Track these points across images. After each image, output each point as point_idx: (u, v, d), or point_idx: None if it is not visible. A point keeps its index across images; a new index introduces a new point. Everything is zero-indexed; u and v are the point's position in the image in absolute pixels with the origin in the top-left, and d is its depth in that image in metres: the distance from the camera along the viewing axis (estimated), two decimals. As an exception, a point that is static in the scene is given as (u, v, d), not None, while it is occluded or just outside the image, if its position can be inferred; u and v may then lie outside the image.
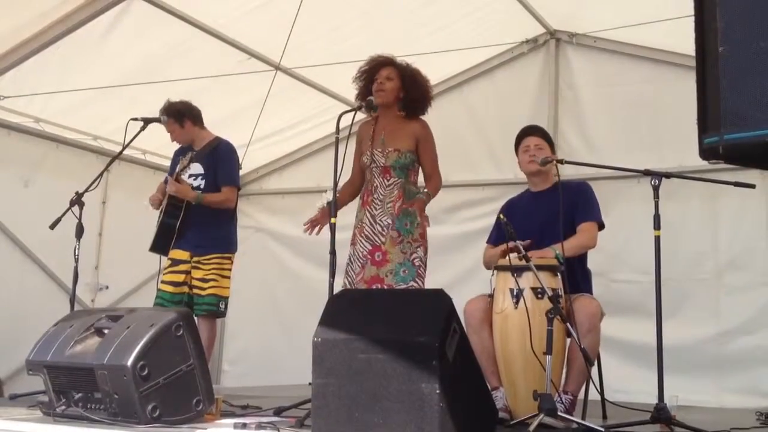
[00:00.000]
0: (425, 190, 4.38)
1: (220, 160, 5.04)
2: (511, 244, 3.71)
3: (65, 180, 5.78)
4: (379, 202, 4.37)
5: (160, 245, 5.00)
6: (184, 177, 5.00)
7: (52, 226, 4.70)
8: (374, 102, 4.33)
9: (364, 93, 4.43)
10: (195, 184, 4.99)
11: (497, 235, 4.26)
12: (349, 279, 4.36)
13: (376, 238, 4.33)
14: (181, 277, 4.94)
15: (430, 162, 4.45)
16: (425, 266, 4.35)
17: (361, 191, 4.52)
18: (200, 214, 4.94)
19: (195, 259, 4.94)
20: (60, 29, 5.02)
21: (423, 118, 4.51)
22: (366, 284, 4.26)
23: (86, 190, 4.78)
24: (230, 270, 5.05)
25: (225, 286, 4.99)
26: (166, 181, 5.08)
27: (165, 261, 5.03)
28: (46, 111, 6.08)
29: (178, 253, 4.97)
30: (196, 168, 5.02)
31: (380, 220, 4.34)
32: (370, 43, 5.37)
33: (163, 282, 4.98)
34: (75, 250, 4.69)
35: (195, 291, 4.94)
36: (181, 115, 5.05)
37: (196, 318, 4.74)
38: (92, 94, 5.82)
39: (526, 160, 4.29)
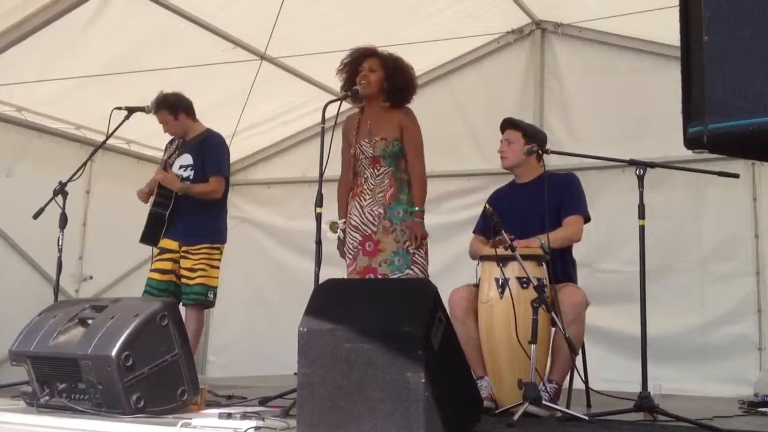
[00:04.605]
0: (416, 208, 4.29)
1: (208, 150, 5.02)
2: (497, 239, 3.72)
3: (48, 170, 5.73)
4: (369, 192, 4.34)
5: (149, 236, 4.98)
6: (175, 168, 4.98)
7: (36, 216, 4.68)
8: (360, 92, 4.30)
9: (349, 84, 4.40)
10: (184, 174, 4.97)
11: (484, 225, 4.26)
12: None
13: (366, 228, 4.30)
14: (168, 265, 4.92)
15: (413, 150, 4.36)
16: (424, 253, 4.30)
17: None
18: (190, 205, 4.92)
19: (184, 248, 4.92)
20: (43, 17, 4.97)
21: (409, 106, 4.47)
22: (359, 275, 4.25)
23: (70, 180, 4.74)
24: (219, 260, 5.04)
25: (214, 276, 4.97)
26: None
27: (154, 250, 5.01)
28: (29, 100, 6.03)
29: (167, 243, 4.95)
30: (186, 159, 5.02)
31: (370, 210, 4.31)
32: (356, 32, 5.35)
33: (151, 270, 4.97)
34: (59, 240, 4.67)
35: (183, 280, 4.92)
36: (175, 107, 5.04)
37: (184, 308, 4.73)
38: (75, 83, 5.77)
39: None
